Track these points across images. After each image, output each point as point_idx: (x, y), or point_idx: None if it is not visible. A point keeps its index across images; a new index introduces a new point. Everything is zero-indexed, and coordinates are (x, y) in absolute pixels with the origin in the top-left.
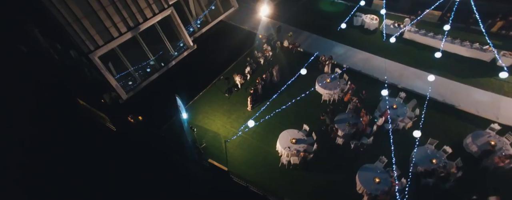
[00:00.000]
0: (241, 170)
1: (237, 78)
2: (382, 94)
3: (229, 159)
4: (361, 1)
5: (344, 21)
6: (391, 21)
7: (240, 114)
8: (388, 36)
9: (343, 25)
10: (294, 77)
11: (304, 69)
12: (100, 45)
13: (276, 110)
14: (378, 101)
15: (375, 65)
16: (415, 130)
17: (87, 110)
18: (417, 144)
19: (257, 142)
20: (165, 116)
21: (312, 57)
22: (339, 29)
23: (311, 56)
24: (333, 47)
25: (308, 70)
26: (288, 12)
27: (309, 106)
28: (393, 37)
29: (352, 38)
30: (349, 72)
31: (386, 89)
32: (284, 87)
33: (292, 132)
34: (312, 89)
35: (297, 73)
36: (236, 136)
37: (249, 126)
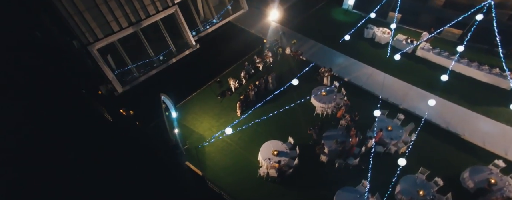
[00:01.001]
0: (219, 176)
1: (232, 81)
2: (374, 114)
3: (209, 164)
4: (372, 14)
5: (348, 33)
6: (404, 37)
7: (228, 119)
8: (397, 51)
9: (347, 36)
10: (284, 86)
11: (296, 79)
12: (99, 38)
13: (262, 118)
14: (374, 119)
15: (379, 81)
16: (403, 157)
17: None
18: (398, 172)
19: (240, 149)
20: (156, 113)
21: (307, 68)
22: (342, 41)
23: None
24: (337, 58)
25: (306, 80)
26: (297, 18)
27: (301, 117)
28: (398, 54)
29: (359, 51)
30: (349, 86)
31: (379, 110)
32: (271, 96)
33: (275, 143)
34: (304, 100)
35: (293, 82)
36: (208, 142)
37: (226, 133)
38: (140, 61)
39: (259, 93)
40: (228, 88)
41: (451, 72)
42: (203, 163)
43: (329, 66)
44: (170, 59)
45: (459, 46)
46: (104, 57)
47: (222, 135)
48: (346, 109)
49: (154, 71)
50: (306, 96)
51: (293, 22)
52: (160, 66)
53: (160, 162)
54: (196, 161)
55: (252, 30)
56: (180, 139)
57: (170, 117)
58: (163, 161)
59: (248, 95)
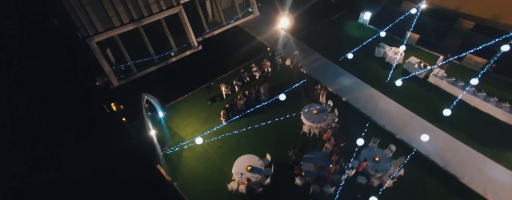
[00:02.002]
0: (189, 184)
1: (223, 88)
2: (357, 143)
3: (183, 169)
4: (382, 32)
5: (352, 51)
6: (417, 60)
7: (213, 126)
8: (407, 74)
9: (350, 55)
10: (270, 100)
11: (283, 94)
12: (99, 31)
13: (245, 129)
14: (363, 146)
15: (379, 106)
16: (387, 193)
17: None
18: None
19: (217, 158)
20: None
21: (297, 84)
22: (342, 59)
23: (313, 80)
24: (340, 76)
25: (300, 95)
26: (308, 28)
27: (286, 134)
28: (399, 80)
29: (365, 70)
30: (345, 107)
31: (362, 138)
32: (256, 107)
33: (252, 158)
34: (295, 114)
35: (279, 97)
36: (171, 150)
37: (197, 142)
38: (140, 57)
39: (249, 103)
40: (220, 94)
41: (464, 104)
42: (177, 168)
43: (329, 83)
44: (170, 58)
45: (473, 79)
46: (103, 50)
47: (191, 143)
48: (333, 132)
49: (152, 68)
50: (299, 111)
51: (303, 32)
52: (159, 64)
53: (134, 162)
54: (170, 165)
55: (258, 37)
56: (161, 141)
57: (156, 117)
58: (136, 161)
59: (235, 104)
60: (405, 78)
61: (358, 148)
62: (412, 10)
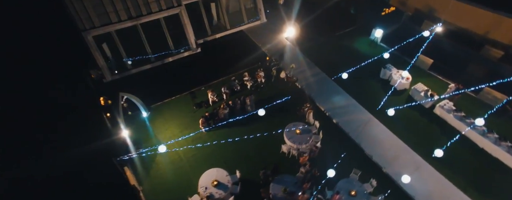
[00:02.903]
0: (155, 190)
1: (210, 94)
2: (328, 174)
3: (152, 174)
4: (386, 54)
5: (348, 71)
6: (424, 87)
7: (192, 132)
8: (411, 102)
9: (345, 75)
10: (249, 113)
11: (262, 110)
12: (96, 26)
13: (221, 140)
14: (343, 176)
15: (372, 133)
16: None
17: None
18: None
19: (189, 167)
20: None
21: (279, 100)
22: (334, 78)
23: (304, 96)
24: (336, 95)
25: (289, 111)
26: (314, 40)
27: (264, 151)
28: (391, 109)
29: (366, 92)
30: (334, 130)
31: (333, 169)
32: (233, 120)
33: (221, 173)
34: (281, 131)
35: (258, 112)
36: (128, 156)
37: (159, 151)
38: (137, 54)
39: (233, 113)
40: (206, 100)
41: (470, 144)
42: (147, 172)
43: (322, 101)
44: (166, 58)
45: (479, 119)
46: (99, 44)
47: (154, 151)
48: (312, 156)
49: (147, 67)
50: (283, 128)
51: (308, 44)
52: (154, 63)
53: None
54: (140, 168)
55: (260, 44)
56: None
57: (140, 117)
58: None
59: (216, 113)
60: (400, 108)
61: (336, 178)
62: (428, 32)
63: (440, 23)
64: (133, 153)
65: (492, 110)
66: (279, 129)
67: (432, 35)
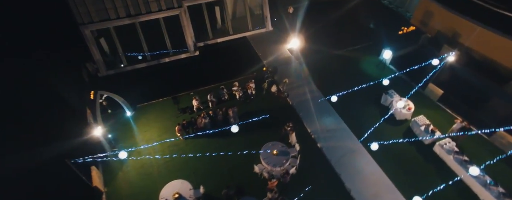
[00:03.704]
0: (119, 194)
1: (194, 101)
2: None
3: (121, 177)
4: (385, 80)
5: (338, 94)
6: (425, 121)
7: (167, 138)
8: (409, 137)
9: (334, 98)
10: (218, 129)
11: (236, 126)
12: (94, 21)
13: (196, 151)
14: None
15: (356, 165)
16: None
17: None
18: None
19: (157, 174)
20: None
21: (256, 118)
22: (321, 101)
23: (291, 114)
24: (327, 117)
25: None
26: (318, 55)
27: (237, 168)
28: (375, 143)
29: (360, 118)
30: (315, 155)
31: None
32: (212, 131)
33: (185, 185)
34: (254, 152)
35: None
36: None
37: (119, 157)
38: (134, 52)
39: (216, 123)
40: (191, 106)
41: (469, 195)
42: (116, 173)
43: (310, 122)
44: (163, 58)
45: (473, 168)
46: (97, 39)
47: (114, 156)
48: (284, 182)
49: (142, 65)
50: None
51: (313, 58)
52: (150, 62)
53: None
54: (110, 169)
55: (260, 53)
56: (116, 140)
57: (124, 115)
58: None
59: (195, 121)
60: (375, 143)
61: None
62: (438, 59)
63: (453, 52)
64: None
65: (502, 156)
66: (257, 147)
67: (441, 64)
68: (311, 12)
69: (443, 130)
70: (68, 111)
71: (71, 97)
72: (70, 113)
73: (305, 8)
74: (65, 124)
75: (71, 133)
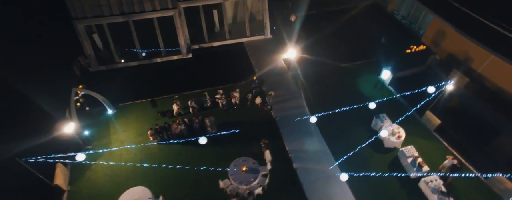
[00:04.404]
0: (81, 193)
1: (175, 106)
2: None
3: (87, 176)
4: (371, 103)
5: (316, 114)
6: (413, 152)
7: (144, 140)
8: (396, 171)
9: (313, 118)
10: (185, 139)
11: (204, 138)
12: (88, 16)
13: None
14: None
15: (329, 192)
16: None
17: None
18: None
19: (123, 177)
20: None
21: (225, 132)
22: (304, 119)
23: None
24: (309, 137)
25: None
26: (315, 68)
27: (204, 181)
28: (344, 174)
29: (345, 141)
30: (287, 176)
31: None
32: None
33: (145, 194)
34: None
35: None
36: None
37: (76, 159)
38: (126, 50)
39: (193, 131)
40: (171, 109)
41: None
42: (83, 172)
43: (291, 139)
44: (155, 58)
45: None
46: (90, 34)
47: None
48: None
49: (134, 63)
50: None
51: (308, 70)
52: (142, 61)
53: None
54: (79, 167)
55: (253, 61)
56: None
57: (104, 113)
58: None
59: (169, 127)
60: (345, 173)
61: None
62: (447, 86)
63: (451, 80)
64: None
65: None
66: (229, 161)
67: (438, 92)
68: (316, 22)
69: (434, 165)
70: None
71: (44, 93)
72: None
73: (310, 17)
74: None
75: (34, 130)
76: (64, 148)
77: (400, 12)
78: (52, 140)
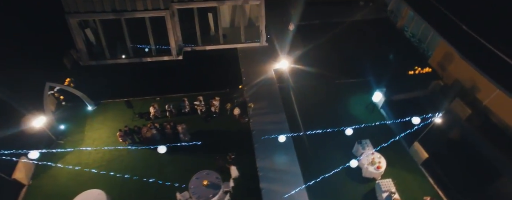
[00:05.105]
0: (41, 189)
1: (152, 108)
2: None
3: (52, 173)
4: (348, 130)
5: (287, 134)
6: (390, 187)
7: (114, 141)
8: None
9: (282, 137)
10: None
11: (164, 147)
12: (80, 11)
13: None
14: None
15: None
16: None
17: None
18: None
19: (86, 177)
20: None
21: (186, 143)
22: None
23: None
24: (282, 156)
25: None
26: (306, 81)
27: (163, 193)
28: None
29: (322, 164)
30: (250, 195)
31: None
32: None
33: (100, 198)
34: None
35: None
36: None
37: (30, 157)
38: (117, 46)
39: (165, 137)
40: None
41: None
42: (49, 167)
43: (263, 156)
44: (145, 57)
45: None
46: (83, 28)
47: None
48: None
49: (124, 61)
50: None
51: (298, 83)
52: (132, 59)
53: None
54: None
55: (243, 68)
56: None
57: (84, 109)
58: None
59: (139, 131)
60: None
61: None
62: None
63: (440, 113)
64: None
65: None
66: (194, 172)
67: (419, 125)
68: (318, 33)
69: None
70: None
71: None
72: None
73: (312, 27)
74: None
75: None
76: (34, 142)
77: (410, 29)
78: (20, 134)
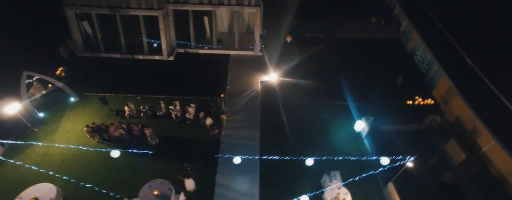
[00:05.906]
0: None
1: (126, 107)
2: None
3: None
4: (308, 160)
5: (243, 156)
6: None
7: (84, 138)
8: None
9: (237, 159)
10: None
11: (117, 151)
12: (77, 4)
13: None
14: None
15: None
16: None
17: None
18: None
19: (46, 169)
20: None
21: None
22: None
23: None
24: (244, 177)
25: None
26: (292, 98)
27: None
28: None
29: (284, 191)
30: None
31: None
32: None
33: (50, 193)
34: None
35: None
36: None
37: None
38: (112, 41)
39: (132, 138)
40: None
41: None
42: (16, 154)
43: (224, 173)
44: (137, 55)
45: None
46: (80, 20)
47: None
48: None
49: (116, 55)
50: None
51: (284, 100)
52: (124, 54)
53: None
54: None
55: (230, 77)
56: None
57: (67, 100)
58: None
59: (106, 129)
60: None
61: None
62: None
63: (412, 157)
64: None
65: None
66: (149, 179)
67: (385, 167)
68: (318, 47)
69: None
70: None
71: None
72: None
73: (314, 41)
74: None
75: None
76: (8, 128)
77: (419, 53)
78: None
